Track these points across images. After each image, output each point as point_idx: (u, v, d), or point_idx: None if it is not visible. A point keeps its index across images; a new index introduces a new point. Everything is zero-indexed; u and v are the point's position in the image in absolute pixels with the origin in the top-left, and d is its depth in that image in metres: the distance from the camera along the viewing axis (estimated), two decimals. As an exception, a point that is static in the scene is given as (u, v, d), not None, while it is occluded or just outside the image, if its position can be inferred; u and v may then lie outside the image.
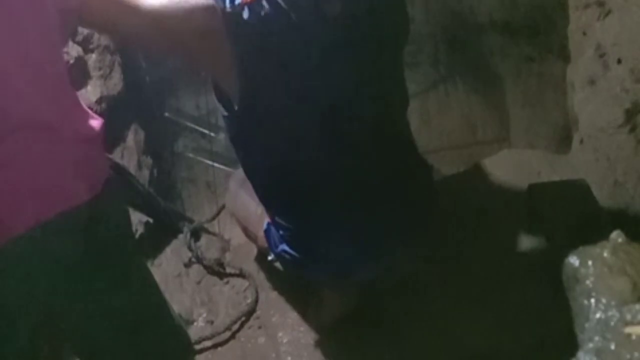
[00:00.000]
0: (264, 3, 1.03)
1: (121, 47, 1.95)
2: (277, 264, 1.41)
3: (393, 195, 1.25)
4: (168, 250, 1.81)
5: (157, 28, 1.02)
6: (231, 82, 1.08)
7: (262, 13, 1.02)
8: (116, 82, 2.03)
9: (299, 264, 1.32)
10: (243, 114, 1.11)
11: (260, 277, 1.66)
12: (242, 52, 1.04)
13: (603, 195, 1.45)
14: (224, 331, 1.55)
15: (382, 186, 1.23)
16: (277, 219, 1.31)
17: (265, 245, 1.40)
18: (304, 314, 1.52)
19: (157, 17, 1.01)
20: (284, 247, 1.31)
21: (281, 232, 1.31)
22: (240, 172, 1.65)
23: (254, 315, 1.59)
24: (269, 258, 1.40)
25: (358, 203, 1.22)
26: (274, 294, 1.61)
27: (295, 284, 1.53)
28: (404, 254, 1.33)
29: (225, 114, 1.17)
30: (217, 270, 1.72)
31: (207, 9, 1.02)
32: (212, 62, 1.09)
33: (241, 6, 1.02)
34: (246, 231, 1.60)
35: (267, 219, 1.38)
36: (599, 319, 0.55)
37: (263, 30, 1.03)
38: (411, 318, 1.40)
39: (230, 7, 1.03)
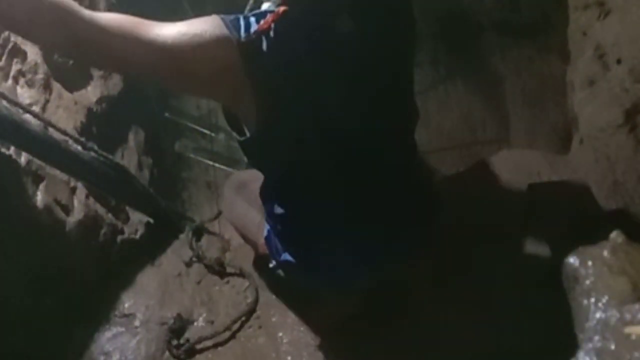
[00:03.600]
0: (277, 28, 0.99)
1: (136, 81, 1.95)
2: (280, 271, 1.39)
3: (397, 203, 1.25)
4: (168, 250, 1.81)
5: (171, 63, 0.98)
6: (246, 110, 1.06)
7: (276, 39, 0.99)
8: (116, 82, 2.03)
9: (301, 272, 1.32)
10: (260, 138, 1.09)
11: (261, 277, 1.66)
12: (260, 80, 1.01)
13: (603, 195, 1.45)
14: (224, 331, 1.55)
15: (387, 195, 1.23)
16: (279, 227, 1.30)
17: (267, 252, 1.39)
18: (304, 314, 1.52)
19: (171, 51, 0.97)
20: (287, 256, 1.30)
21: (281, 241, 1.31)
22: (234, 178, 1.64)
23: (254, 315, 1.59)
24: (270, 265, 1.38)
25: (363, 212, 1.22)
26: (274, 294, 1.61)
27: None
28: (405, 259, 1.34)
29: (240, 138, 1.14)
30: (218, 269, 1.72)
31: (221, 41, 0.98)
32: (228, 93, 1.06)
33: (257, 34, 0.99)
34: (246, 239, 1.59)
35: (267, 226, 1.36)
36: (599, 319, 0.55)
37: (279, 56, 1.00)
38: (410, 318, 1.40)
39: (245, 36, 0.99)
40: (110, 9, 2.04)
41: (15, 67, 1.51)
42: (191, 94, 1.93)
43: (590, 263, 0.60)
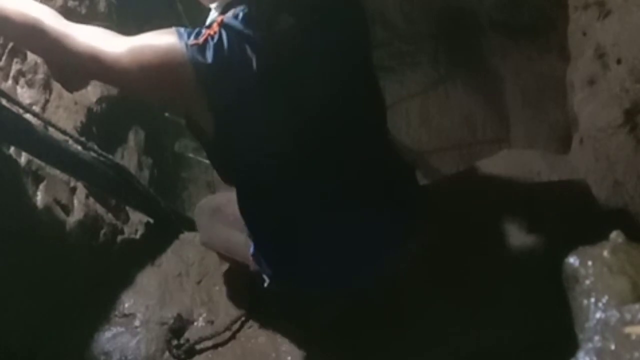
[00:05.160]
0: (221, 34, 1.02)
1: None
2: (274, 287, 1.37)
3: (378, 207, 1.25)
4: (168, 250, 1.81)
5: (130, 76, 1.04)
6: (204, 116, 1.07)
7: (219, 43, 1.01)
8: (116, 82, 2.03)
9: (293, 283, 1.33)
10: (219, 144, 1.11)
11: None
12: (209, 84, 1.03)
13: (603, 195, 1.45)
14: (224, 331, 1.55)
15: (361, 190, 1.23)
16: (263, 241, 1.31)
17: (258, 269, 1.37)
18: (304, 314, 1.52)
19: (129, 64, 1.02)
20: (274, 269, 1.31)
21: (266, 256, 1.31)
22: (204, 205, 1.59)
23: (254, 315, 1.59)
24: (265, 285, 1.36)
25: (340, 212, 1.22)
26: (274, 294, 1.61)
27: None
28: (393, 255, 1.34)
29: (199, 142, 1.18)
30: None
31: (171, 48, 1.02)
32: (184, 100, 1.08)
33: (204, 39, 1.01)
34: (234, 262, 1.53)
35: (252, 243, 1.34)
36: (599, 319, 0.54)
37: (224, 59, 1.02)
38: (410, 318, 1.40)
39: (193, 41, 1.01)
40: (109, 8, 2.04)
41: (15, 67, 1.51)
42: (154, 102, 1.99)
43: (590, 263, 0.60)
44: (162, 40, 1.03)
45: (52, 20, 1.03)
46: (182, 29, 1.04)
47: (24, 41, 1.12)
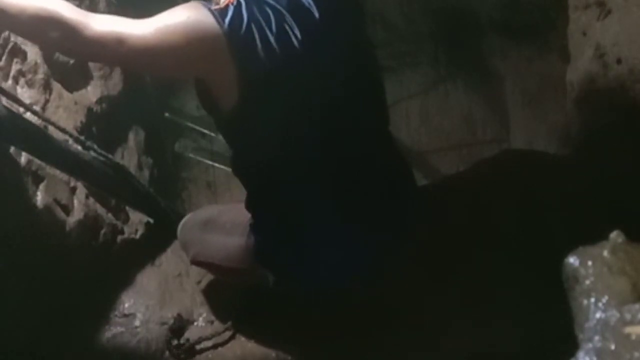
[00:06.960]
0: (240, 1, 1.07)
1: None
2: (282, 284, 1.36)
3: (380, 205, 1.26)
4: (168, 250, 1.81)
5: (168, 53, 1.06)
6: (226, 83, 1.09)
7: (242, 3, 1.06)
8: (116, 82, 2.03)
9: (301, 275, 1.33)
10: (237, 116, 1.12)
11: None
12: (237, 46, 1.06)
13: (603, 196, 1.45)
14: (224, 331, 1.55)
15: (369, 195, 1.24)
16: (272, 234, 1.31)
17: (262, 270, 1.36)
18: (304, 313, 1.52)
19: (164, 42, 1.05)
20: (283, 262, 1.32)
21: (275, 249, 1.31)
22: (192, 220, 1.57)
23: (255, 314, 1.59)
24: (270, 284, 1.35)
25: (350, 199, 1.23)
26: (275, 294, 1.61)
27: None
28: (396, 250, 1.34)
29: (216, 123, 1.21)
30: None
31: (202, 17, 1.05)
32: (211, 67, 1.10)
33: (225, 4, 1.06)
34: (231, 273, 1.50)
35: (254, 242, 1.34)
36: (599, 319, 0.55)
37: (249, 18, 1.06)
38: (410, 317, 1.40)
39: (216, 7, 1.06)
40: (109, 7, 2.03)
41: (15, 67, 1.51)
42: (179, 77, 2.07)
43: (590, 263, 0.60)
44: (185, 11, 1.06)
45: (70, 11, 1.04)
46: (202, 1, 1.08)
47: (43, 34, 1.08)
